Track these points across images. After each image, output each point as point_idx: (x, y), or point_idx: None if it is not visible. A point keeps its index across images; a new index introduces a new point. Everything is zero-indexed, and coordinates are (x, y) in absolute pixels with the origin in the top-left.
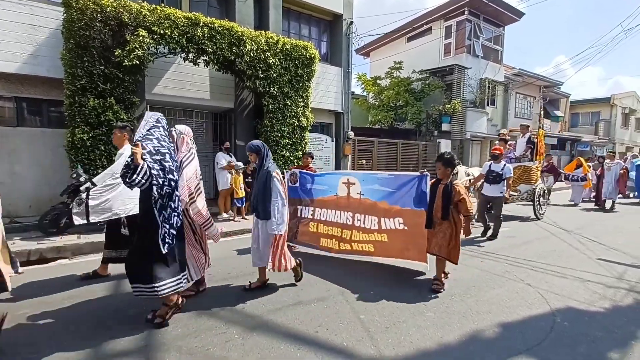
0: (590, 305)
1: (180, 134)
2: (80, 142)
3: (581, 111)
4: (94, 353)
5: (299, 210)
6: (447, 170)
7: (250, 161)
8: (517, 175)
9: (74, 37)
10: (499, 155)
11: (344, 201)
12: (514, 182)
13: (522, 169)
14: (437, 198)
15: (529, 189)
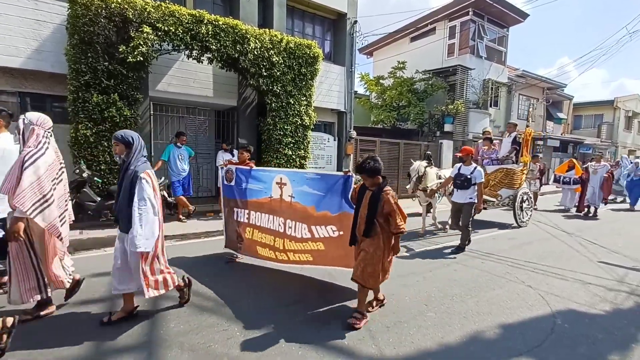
0: (590, 307)
1: (29, 124)
2: (84, 137)
3: (584, 113)
4: (95, 349)
5: (234, 213)
6: (375, 179)
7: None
8: (499, 179)
9: (78, 33)
10: (468, 156)
11: (276, 204)
12: (495, 187)
13: (505, 172)
14: (362, 207)
15: (511, 194)
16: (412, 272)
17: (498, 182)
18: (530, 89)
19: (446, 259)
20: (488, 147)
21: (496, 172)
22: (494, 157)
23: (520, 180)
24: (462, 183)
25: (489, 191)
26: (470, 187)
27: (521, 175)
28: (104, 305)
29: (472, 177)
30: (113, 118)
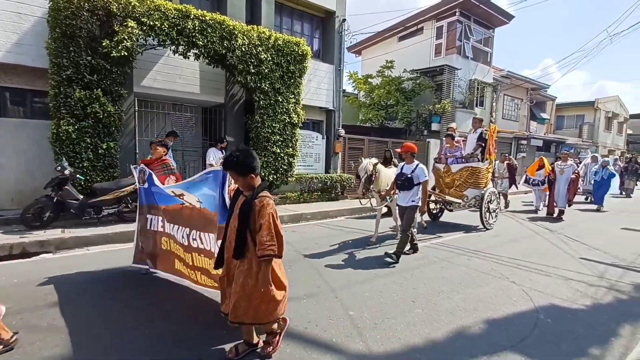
0: (572, 302)
1: None
2: (66, 134)
3: (566, 114)
4: (78, 349)
5: (149, 221)
6: (247, 179)
7: None
8: (465, 178)
9: (60, 26)
10: (408, 153)
11: (187, 211)
12: (461, 187)
13: (470, 171)
14: (232, 218)
15: (478, 195)
16: (399, 269)
17: (463, 182)
18: (514, 89)
19: (433, 257)
20: (451, 145)
21: (461, 171)
22: (458, 155)
23: (486, 179)
24: (403, 183)
25: (454, 192)
26: (413, 188)
27: (487, 174)
28: (85, 306)
29: (413, 176)
30: (96, 114)
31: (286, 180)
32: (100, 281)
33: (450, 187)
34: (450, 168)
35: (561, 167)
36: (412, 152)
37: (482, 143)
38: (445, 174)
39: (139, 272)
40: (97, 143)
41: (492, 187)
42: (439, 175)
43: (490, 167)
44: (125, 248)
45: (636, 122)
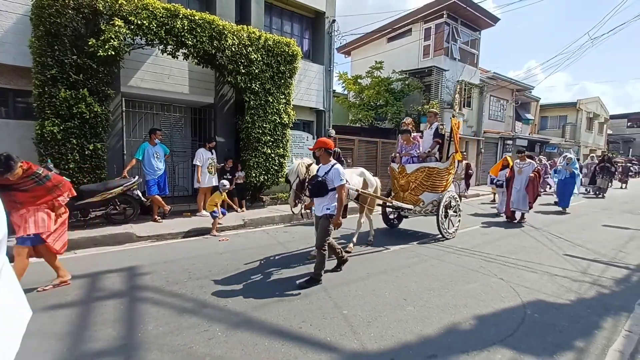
0: (557, 297)
1: None
2: (50, 134)
3: (550, 115)
4: (70, 354)
5: None
6: None
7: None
8: (420, 180)
9: (44, 24)
10: (321, 150)
11: None
12: (416, 190)
13: (426, 172)
14: None
15: (435, 199)
16: (390, 267)
17: (419, 185)
18: (500, 90)
19: (424, 255)
20: (407, 142)
21: (417, 172)
22: (414, 154)
23: (446, 181)
24: (314, 189)
25: (409, 195)
26: (327, 194)
27: (447, 175)
28: (74, 310)
29: (326, 180)
30: (82, 114)
31: (277, 180)
32: (89, 284)
33: (405, 190)
34: (405, 168)
35: (520, 166)
36: (327, 149)
37: (438, 140)
38: (400, 175)
39: (127, 273)
40: (83, 144)
41: (454, 191)
42: (393, 176)
43: (452, 168)
44: (113, 251)
45: (616, 123)
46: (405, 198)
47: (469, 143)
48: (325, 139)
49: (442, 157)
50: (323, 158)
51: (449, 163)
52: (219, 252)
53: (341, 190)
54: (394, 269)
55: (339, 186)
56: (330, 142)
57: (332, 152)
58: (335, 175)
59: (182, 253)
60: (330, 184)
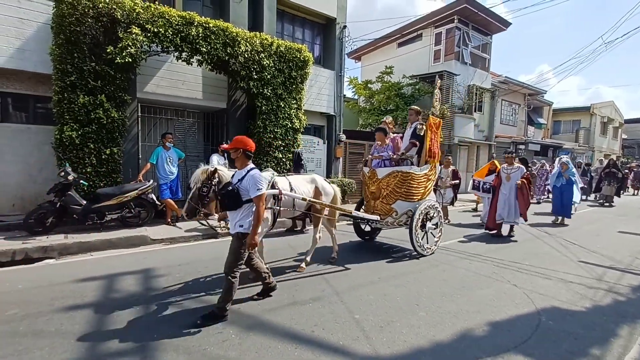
0: (572, 304)
1: None
2: (69, 139)
3: (563, 119)
4: (89, 353)
5: None
6: None
7: None
8: (393, 187)
9: (64, 33)
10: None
11: None
12: (388, 198)
13: (400, 177)
14: None
15: (410, 209)
16: (402, 272)
17: (392, 192)
18: (512, 94)
19: (434, 260)
20: (382, 142)
21: (389, 177)
22: (385, 156)
23: (424, 188)
24: (223, 200)
25: (380, 204)
26: (241, 206)
27: (425, 182)
28: (91, 311)
29: (240, 189)
30: (100, 120)
31: None
32: (105, 286)
33: (376, 197)
34: (375, 173)
35: (507, 171)
36: (245, 150)
37: (415, 141)
38: (370, 181)
39: (142, 275)
40: (100, 148)
41: (434, 200)
42: (364, 182)
43: (432, 173)
44: (128, 253)
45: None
46: (376, 207)
47: (481, 148)
48: (244, 137)
49: (421, 161)
50: (239, 161)
51: (429, 168)
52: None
53: (259, 202)
54: (404, 273)
55: (256, 197)
56: (250, 142)
57: (251, 153)
58: (251, 182)
59: (195, 255)
60: (244, 193)
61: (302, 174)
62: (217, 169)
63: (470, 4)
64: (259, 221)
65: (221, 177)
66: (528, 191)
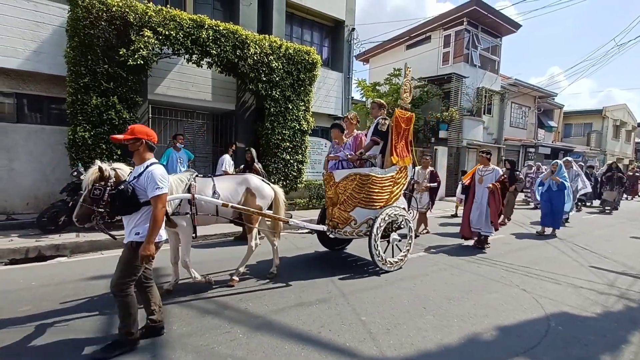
0: (582, 310)
1: None
2: (82, 140)
3: (574, 122)
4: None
5: None
6: None
7: None
8: (351, 192)
9: (79, 35)
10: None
11: None
12: (346, 204)
13: (358, 181)
14: None
15: (371, 217)
16: (408, 275)
17: (349, 198)
18: (522, 97)
19: (442, 263)
20: (339, 140)
21: (346, 181)
22: (341, 157)
23: (388, 194)
24: (114, 200)
25: (338, 212)
26: (138, 210)
27: (390, 186)
28: (102, 309)
29: (133, 188)
30: (112, 121)
31: (295, 186)
32: None
33: (334, 203)
34: (332, 175)
35: (481, 173)
36: (148, 141)
37: (377, 138)
38: (327, 185)
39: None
40: (112, 149)
41: (401, 206)
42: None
43: (402, 176)
44: None
45: None
46: (334, 214)
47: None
48: (143, 126)
49: (385, 162)
50: (139, 155)
51: (396, 170)
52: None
53: (157, 203)
54: (412, 276)
55: (153, 197)
56: (152, 132)
57: (154, 145)
58: (149, 180)
59: (204, 256)
60: (141, 193)
61: None
62: (114, 168)
63: (480, 6)
64: (155, 226)
65: (119, 177)
66: (500, 197)
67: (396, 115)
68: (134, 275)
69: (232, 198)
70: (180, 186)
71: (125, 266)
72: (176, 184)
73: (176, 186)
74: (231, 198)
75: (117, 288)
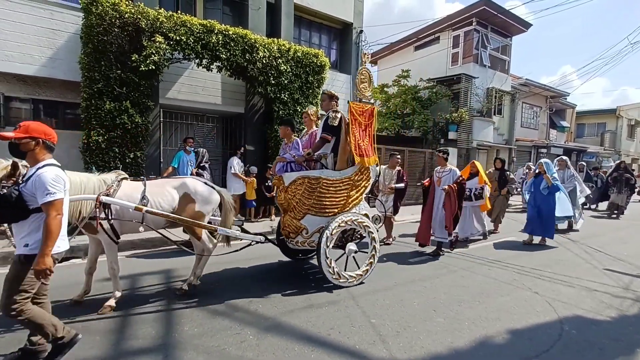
0: (597, 314)
1: None
2: (95, 144)
3: (587, 122)
4: (113, 350)
5: None
6: None
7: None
8: (299, 198)
9: (92, 42)
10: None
11: None
12: (297, 211)
13: (307, 185)
14: None
15: (324, 225)
16: (418, 278)
17: (299, 204)
18: (533, 97)
19: (452, 266)
20: (287, 139)
21: (295, 185)
22: (288, 158)
23: (343, 198)
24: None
25: (289, 219)
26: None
27: (347, 189)
28: (119, 308)
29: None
30: (125, 125)
31: None
32: (129, 285)
33: (285, 210)
34: (282, 179)
35: (439, 174)
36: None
37: (327, 135)
38: (278, 189)
39: (164, 275)
40: (124, 152)
41: (362, 212)
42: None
43: (362, 178)
44: (149, 253)
45: None
46: (285, 222)
47: (500, 151)
48: (40, 123)
49: (338, 162)
50: (32, 157)
51: (354, 171)
52: (249, 258)
53: (50, 211)
54: (422, 279)
55: (44, 204)
56: (49, 130)
57: (53, 145)
58: (38, 185)
59: (215, 257)
60: (30, 199)
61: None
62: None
63: (489, 6)
64: (49, 237)
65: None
66: (457, 200)
67: (351, 108)
68: (25, 293)
69: (164, 204)
70: (102, 187)
71: (13, 284)
72: (98, 184)
73: (98, 187)
74: (163, 204)
75: (8, 311)
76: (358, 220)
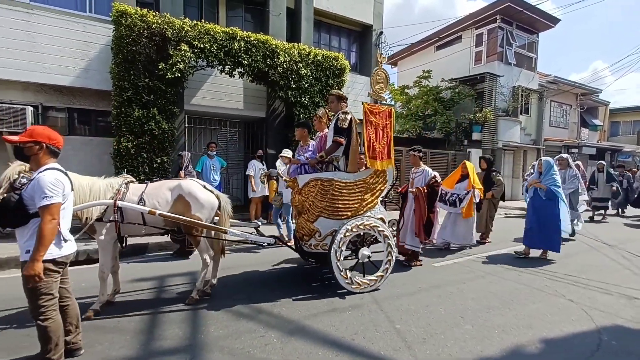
0: (638, 323)
1: None
2: (125, 150)
3: (622, 120)
4: (143, 350)
5: None
6: None
7: None
8: (312, 200)
9: (122, 52)
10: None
11: None
12: (309, 213)
13: (319, 187)
14: None
15: (336, 228)
16: (445, 283)
17: (312, 206)
18: (563, 95)
19: (480, 271)
20: (303, 141)
21: (308, 187)
22: (302, 160)
23: (358, 202)
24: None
25: (303, 222)
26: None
27: (361, 193)
28: (145, 310)
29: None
30: (152, 131)
31: None
32: (157, 286)
33: (300, 212)
34: (296, 181)
35: (412, 175)
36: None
37: (339, 137)
38: (293, 191)
39: (189, 278)
40: (152, 158)
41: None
42: None
43: (377, 180)
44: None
45: None
46: (299, 225)
47: (528, 152)
48: (45, 128)
49: (350, 164)
50: (35, 161)
51: (369, 174)
52: (268, 262)
53: (45, 215)
54: (447, 284)
55: (41, 208)
56: (54, 135)
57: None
58: (36, 188)
59: (238, 262)
60: (30, 203)
61: None
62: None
63: (514, 2)
64: (42, 242)
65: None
66: (425, 203)
67: (365, 109)
68: (45, 296)
69: (159, 206)
70: (109, 191)
71: (30, 291)
72: (106, 189)
73: (104, 191)
74: (158, 206)
75: (36, 314)
76: (372, 224)
